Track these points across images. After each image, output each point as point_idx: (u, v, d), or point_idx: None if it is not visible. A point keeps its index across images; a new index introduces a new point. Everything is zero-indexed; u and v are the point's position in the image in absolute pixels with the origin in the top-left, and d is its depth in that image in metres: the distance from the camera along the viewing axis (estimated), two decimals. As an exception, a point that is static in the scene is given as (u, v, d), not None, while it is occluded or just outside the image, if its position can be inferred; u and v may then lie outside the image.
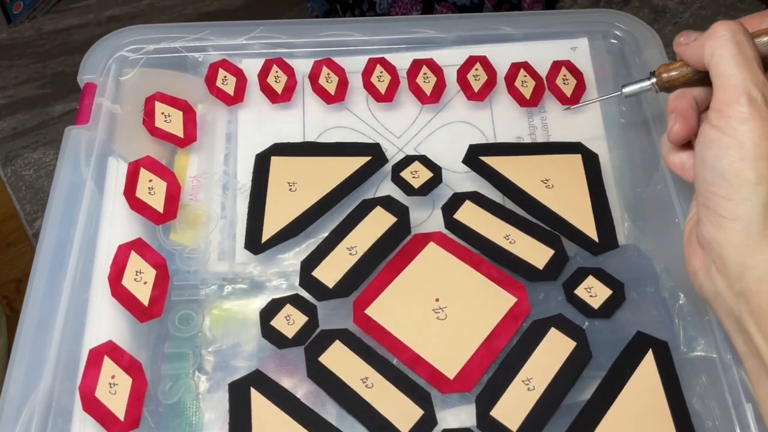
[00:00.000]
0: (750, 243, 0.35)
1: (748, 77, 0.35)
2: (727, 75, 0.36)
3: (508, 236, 0.46)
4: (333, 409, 0.41)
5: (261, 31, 0.55)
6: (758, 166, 0.34)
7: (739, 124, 0.35)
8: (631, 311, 0.44)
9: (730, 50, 0.36)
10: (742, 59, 0.36)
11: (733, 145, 0.35)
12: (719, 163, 0.36)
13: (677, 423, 0.40)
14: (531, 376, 0.41)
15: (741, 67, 0.35)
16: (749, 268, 0.35)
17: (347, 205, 0.48)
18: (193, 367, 0.42)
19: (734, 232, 0.35)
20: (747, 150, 0.35)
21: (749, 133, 0.35)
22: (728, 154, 0.35)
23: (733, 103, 0.35)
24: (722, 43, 0.36)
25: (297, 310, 0.43)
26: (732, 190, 0.35)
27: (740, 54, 0.36)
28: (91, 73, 0.53)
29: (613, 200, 0.49)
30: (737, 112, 0.35)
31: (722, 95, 0.36)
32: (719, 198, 0.36)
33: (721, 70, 0.36)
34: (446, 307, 0.44)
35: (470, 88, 0.53)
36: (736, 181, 0.35)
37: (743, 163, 0.35)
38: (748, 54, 0.36)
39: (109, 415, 0.39)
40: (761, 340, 0.35)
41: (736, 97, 0.35)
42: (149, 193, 0.47)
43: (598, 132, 0.52)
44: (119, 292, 0.43)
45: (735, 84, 0.35)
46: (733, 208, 0.35)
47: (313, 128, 0.52)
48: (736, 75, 0.35)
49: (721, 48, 0.36)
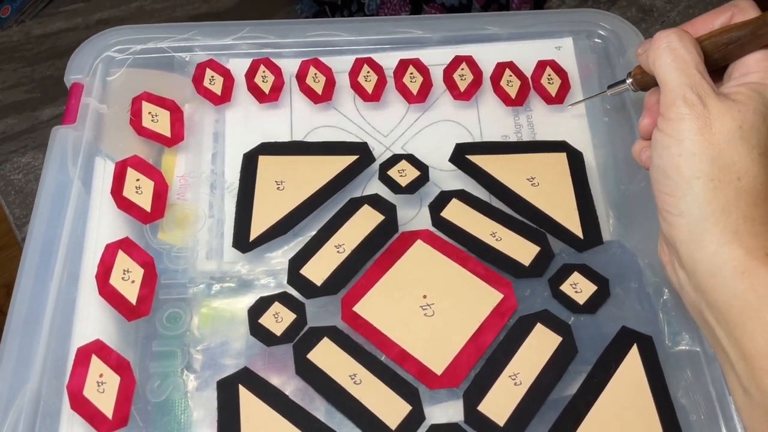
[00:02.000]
0: (694, 238, 0.36)
1: (683, 80, 0.37)
2: (665, 81, 0.38)
3: (495, 233, 0.47)
4: (322, 405, 0.41)
5: (248, 31, 0.55)
6: (693, 161, 0.36)
7: (678, 123, 0.37)
8: (615, 306, 0.45)
9: (666, 58, 0.38)
10: (676, 65, 0.38)
11: (673, 144, 0.37)
12: (661, 162, 0.38)
13: (662, 416, 0.40)
14: (518, 371, 0.41)
15: (676, 72, 0.38)
16: (698, 263, 0.36)
17: (335, 204, 0.48)
18: (182, 365, 0.42)
19: (681, 228, 0.37)
20: (685, 147, 0.36)
21: (686, 131, 0.36)
22: (668, 152, 0.37)
23: (672, 106, 0.37)
24: (659, 53, 0.39)
25: (285, 307, 0.43)
26: (674, 186, 0.37)
27: (675, 60, 0.38)
28: (78, 73, 0.53)
29: (597, 197, 0.49)
30: (675, 114, 0.37)
31: (664, 99, 0.38)
32: (665, 195, 0.38)
33: (661, 77, 0.39)
34: (434, 303, 0.44)
35: (456, 88, 0.53)
36: (676, 177, 0.37)
37: (680, 159, 0.36)
38: (684, 58, 0.38)
39: (98, 414, 0.39)
40: (721, 333, 0.36)
41: (673, 99, 0.37)
42: (136, 193, 0.47)
43: (582, 131, 0.53)
44: (107, 291, 0.43)
45: (672, 88, 0.38)
46: (676, 203, 0.37)
47: (300, 128, 0.52)
48: (672, 80, 0.38)
49: (658, 57, 0.39)
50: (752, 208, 0.35)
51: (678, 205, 0.37)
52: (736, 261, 0.35)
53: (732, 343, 0.35)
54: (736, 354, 0.35)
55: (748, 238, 0.35)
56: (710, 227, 0.35)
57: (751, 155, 0.36)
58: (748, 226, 0.35)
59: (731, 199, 0.35)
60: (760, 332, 0.34)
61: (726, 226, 0.35)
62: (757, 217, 0.35)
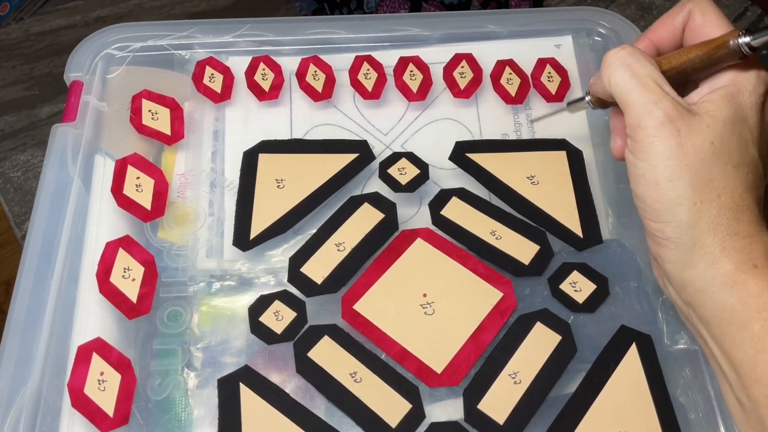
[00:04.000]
0: (684, 259, 0.36)
1: (645, 98, 0.35)
2: (626, 101, 0.36)
3: (495, 232, 0.47)
4: (322, 403, 0.41)
5: (248, 29, 0.55)
6: (672, 187, 0.35)
7: (648, 147, 0.35)
8: (615, 305, 0.45)
9: (622, 76, 0.36)
10: (634, 82, 0.36)
11: (648, 170, 0.35)
12: (640, 190, 0.36)
13: (661, 415, 0.40)
14: (517, 369, 0.42)
15: (636, 90, 0.35)
16: (688, 282, 0.36)
17: (335, 202, 0.48)
18: (182, 363, 0.42)
19: (669, 250, 0.36)
20: (660, 173, 0.35)
21: (658, 156, 0.35)
22: (645, 180, 0.36)
23: (638, 128, 0.35)
24: (613, 71, 0.36)
25: (285, 306, 0.44)
26: (656, 213, 0.36)
27: (632, 77, 0.36)
28: (77, 71, 0.52)
29: (597, 196, 0.49)
30: (643, 137, 0.35)
31: (628, 121, 0.36)
32: (649, 221, 0.37)
33: (621, 98, 0.36)
34: (434, 302, 0.44)
35: (456, 86, 0.53)
36: (657, 205, 0.36)
37: (659, 187, 0.35)
38: (641, 73, 0.36)
39: (99, 412, 0.39)
40: (713, 344, 0.36)
41: (638, 120, 0.35)
42: (137, 191, 0.47)
43: (582, 129, 0.53)
44: (107, 289, 0.43)
45: (634, 108, 0.36)
46: (662, 229, 0.36)
47: (300, 125, 0.52)
48: (633, 99, 0.36)
49: (613, 76, 0.36)
50: (734, 223, 0.35)
51: (664, 230, 0.36)
52: (725, 276, 0.35)
53: (723, 354, 0.36)
54: (727, 365, 0.36)
55: (734, 252, 0.35)
56: (698, 249, 0.35)
57: (725, 170, 0.35)
58: (734, 241, 0.35)
59: (714, 217, 0.35)
60: (749, 343, 0.34)
61: (713, 245, 0.35)
62: (740, 231, 0.35)
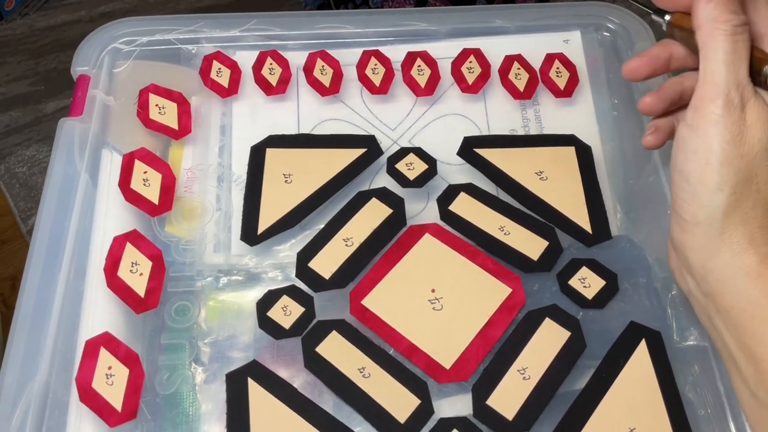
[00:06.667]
0: (709, 247, 0.36)
1: (732, 78, 0.34)
2: (712, 71, 0.35)
3: (503, 228, 0.47)
4: (330, 399, 0.41)
5: (255, 24, 0.55)
6: (722, 171, 0.35)
7: (711, 125, 0.35)
8: (624, 301, 0.45)
9: (725, 47, 0.34)
10: (732, 58, 0.34)
11: (701, 148, 0.35)
12: (686, 167, 0.36)
13: (670, 411, 0.40)
14: (526, 365, 0.41)
15: (728, 66, 0.34)
16: (710, 271, 0.36)
17: (343, 197, 0.48)
18: (190, 358, 0.42)
19: (696, 236, 0.36)
20: (714, 154, 0.35)
21: (717, 136, 0.34)
22: (695, 157, 0.35)
23: (710, 102, 0.35)
24: (716, 36, 0.35)
25: (293, 301, 0.43)
26: (694, 194, 0.36)
27: (733, 52, 0.34)
28: (84, 65, 0.52)
29: (606, 192, 0.49)
30: (711, 113, 0.35)
31: (702, 91, 0.35)
32: (682, 201, 0.37)
33: (708, 65, 0.35)
34: (442, 297, 0.44)
35: (464, 81, 0.53)
36: (698, 186, 0.35)
37: (708, 168, 0.35)
38: (741, 54, 0.35)
39: (106, 406, 0.39)
40: (729, 338, 0.36)
41: (715, 96, 0.35)
42: (144, 185, 0.47)
43: (590, 125, 0.53)
44: (115, 284, 0.43)
45: (718, 83, 0.34)
46: (694, 212, 0.36)
47: (307, 120, 0.52)
48: (720, 73, 0.34)
49: (715, 41, 0.35)
50: (766, 218, 0.35)
51: (696, 214, 0.36)
52: (749, 268, 0.34)
53: (741, 348, 0.35)
54: (745, 359, 0.35)
55: (762, 245, 0.35)
56: (727, 238, 0.35)
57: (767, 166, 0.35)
58: (763, 235, 0.35)
59: (749, 210, 0.35)
60: None
61: (742, 235, 0.35)
62: None
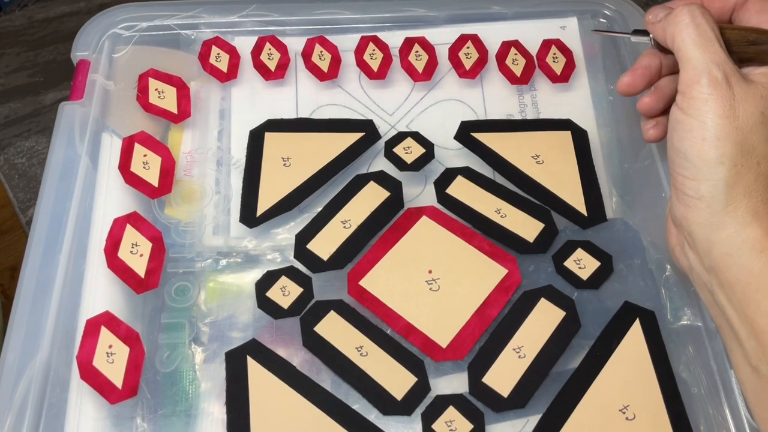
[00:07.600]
0: (714, 220, 0.36)
1: (708, 57, 0.36)
2: (688, 57, 0.37)
3: (500, 210, 0.47)
4: (328, 377, 0.41)
5: (254, 9, 0.55)
6: (719, 145, 0.36)
7: (701, 104, 0.36)
8: (618, 282, 0.45)
9: (690, 34, 0.37)
10: (701, 41, 0.37)
11: (696, 126, 0.36)
12: (683, 145, 0.37)
13: (664, 389, 0.41)
14: (521, 344, 0.42)
15: (701, 49, 0.36)
16: (715, 244, 0.36)
17: (341, 181, 0.48)
18: (190, 337, 0.42)
19: (699, 210, 0.37)
20: (708, 130, 0.36)
21: (710, 113, 0.36)
22: (691, 135, 0.36)
23: (695, 84, 0.36)
24: (680, 28, 0.37)
25: (292, 281, 0.44)
26: (695, 170, 0.37)
27: (700, 36, 0.37)
28: (84, 50, 0.53)
29: (601, 175, 0.50)
30: (699, 93, 0.36)
31: (685, 76, 0.37)
32: (684, 178, 0.37)
33: (683, 53, 0.37)
34: (439, 278, 0.44)
35: (462, 66, 0.54)
36: (698, 162, 0.36)
37: (705, 143, 0.36)
38: (708, 34, 0.37)
39: (107, 384, 0.39)
40: (732, 312, 0.37)
41: (697, 77, 0.36)
42: (144, 168, 0.47)
43: (587, 109, 0.53)
44: (115, 264, 0.43)
45: (696, 65, 0.36)
46: (696, 187, 0.37)
47: (306, 105, 0.53)
48: (696, 56, 0.36)
49: (680, 32, 0.37)
50: None
51: (699, 188, 0.37)
52: (754, 240, 0.35)
53: (744, 321, 0.36)
54: (747, 332, 0.36)
55: (767, 219, 0.35)
56: (731, 210, 0.36)
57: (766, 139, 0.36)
58: (767, 208, 0.35)
59: (752, 183, 0.36)
60: None
61: (746, 208, 0.35)
62: None
